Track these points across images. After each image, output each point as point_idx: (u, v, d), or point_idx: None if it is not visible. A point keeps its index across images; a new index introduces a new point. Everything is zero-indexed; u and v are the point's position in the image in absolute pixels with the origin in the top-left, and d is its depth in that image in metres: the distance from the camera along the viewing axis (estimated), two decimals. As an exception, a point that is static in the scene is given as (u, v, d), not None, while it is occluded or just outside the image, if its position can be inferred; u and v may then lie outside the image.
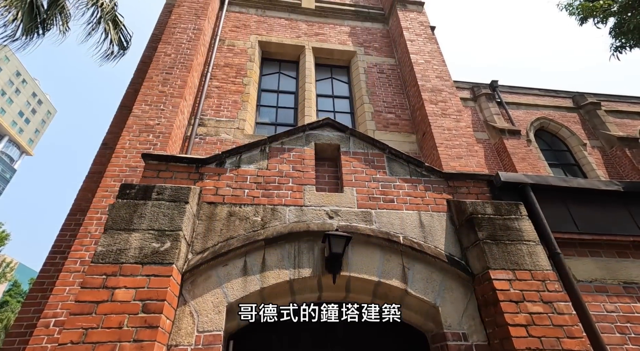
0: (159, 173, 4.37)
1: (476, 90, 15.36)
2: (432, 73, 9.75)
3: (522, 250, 4.11)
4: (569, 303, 3.89)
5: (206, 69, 9.65)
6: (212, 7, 10.80)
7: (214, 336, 3.49)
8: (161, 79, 8.13)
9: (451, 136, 8.11)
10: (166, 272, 3.33)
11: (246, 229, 4.24)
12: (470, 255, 4.38)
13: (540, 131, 15.13)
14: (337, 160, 5.29)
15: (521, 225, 4.43)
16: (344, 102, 10.59)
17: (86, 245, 5.12)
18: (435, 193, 5.00)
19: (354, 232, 4.34)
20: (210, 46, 10.27)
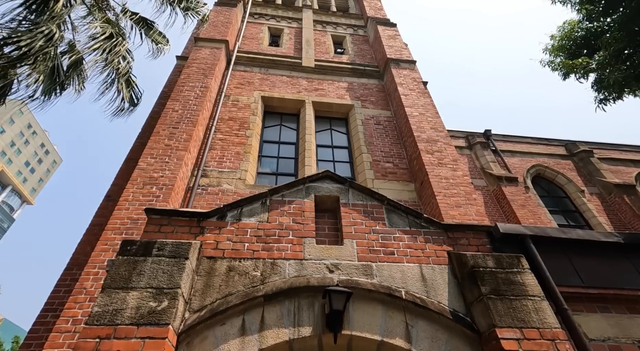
0: (161, 228, 4.43)
1: (471, 138, 15.93)
2: (427, 124, 10.22)
3: (527, 305, 4.00)
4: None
5: (211, 122, 10.16)
6: (219, 67, 11.68)
7: (208, 404, 3.27)
8: (167, 133, 8.52)
9: (449, 185, 8.26)
10: (161, 334, 3.23)
11: (245, 285, 4.18)
12: (474, 311, 4.26)
13: (537, 178, 15.38)
14: (336, 212, 5.37)
15: (524, 279, 4.36)
16: (343, 152, 10.95)
17: (80, 302, 4.98)
18: (436, 245, 4.99)
19: (355, 287, 4.26)
20: (216, 102, 10.91)
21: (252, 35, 14.43)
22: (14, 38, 6.21)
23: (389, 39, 13.62)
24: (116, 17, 9.12)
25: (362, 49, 14.72)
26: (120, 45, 8.45)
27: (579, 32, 10.41)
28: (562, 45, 10.64)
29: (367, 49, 14.72)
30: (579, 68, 10.49)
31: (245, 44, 13.73)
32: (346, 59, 14.02)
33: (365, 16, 15.91)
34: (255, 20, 15.29)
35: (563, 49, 10.69)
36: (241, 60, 12.70)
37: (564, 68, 10.80)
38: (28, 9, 6.79)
